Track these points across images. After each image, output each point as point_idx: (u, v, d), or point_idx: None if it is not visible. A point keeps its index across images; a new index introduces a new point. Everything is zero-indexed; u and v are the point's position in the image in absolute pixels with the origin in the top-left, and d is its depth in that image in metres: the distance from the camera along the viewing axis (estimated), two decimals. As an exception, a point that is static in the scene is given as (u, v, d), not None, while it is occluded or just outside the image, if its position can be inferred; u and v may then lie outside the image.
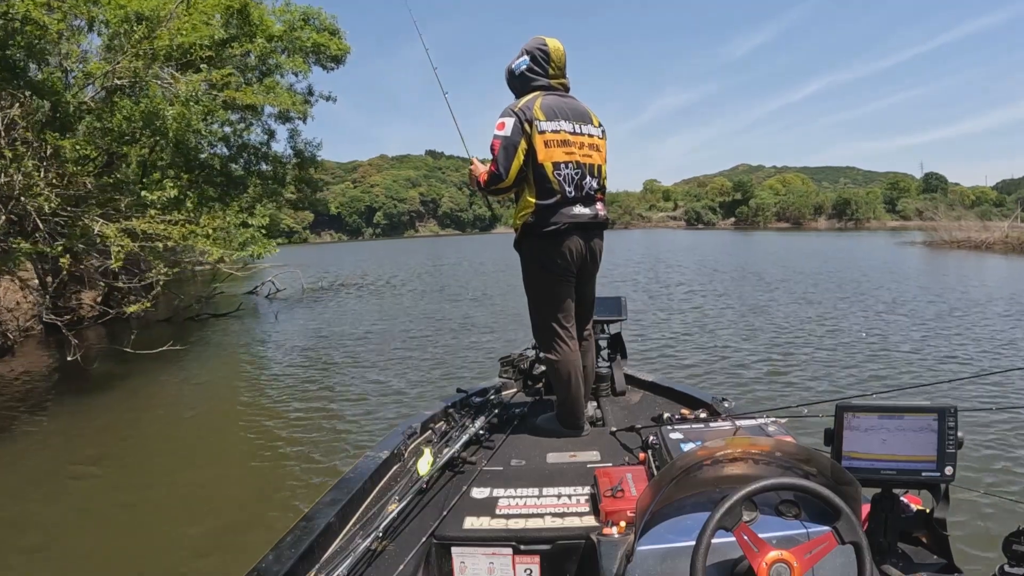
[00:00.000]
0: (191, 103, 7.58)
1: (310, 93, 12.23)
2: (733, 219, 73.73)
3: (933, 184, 70.99)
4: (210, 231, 7.74)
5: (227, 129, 10.78)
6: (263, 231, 10.32)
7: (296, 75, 11.19)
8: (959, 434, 1.26)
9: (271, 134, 11.87)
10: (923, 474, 1.27)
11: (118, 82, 7.23)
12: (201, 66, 8.21)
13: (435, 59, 2.78)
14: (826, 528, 1.06)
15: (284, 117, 11.48)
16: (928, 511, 1.32)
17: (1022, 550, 1.13)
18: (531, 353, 2.83)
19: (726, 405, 2.27)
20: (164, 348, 7.06)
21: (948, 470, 1.26)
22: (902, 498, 1.35)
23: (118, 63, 7.09)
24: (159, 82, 7.56)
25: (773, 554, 1.01)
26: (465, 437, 2.05)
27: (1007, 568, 1.14)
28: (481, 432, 2.15)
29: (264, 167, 11.95)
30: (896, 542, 1.31)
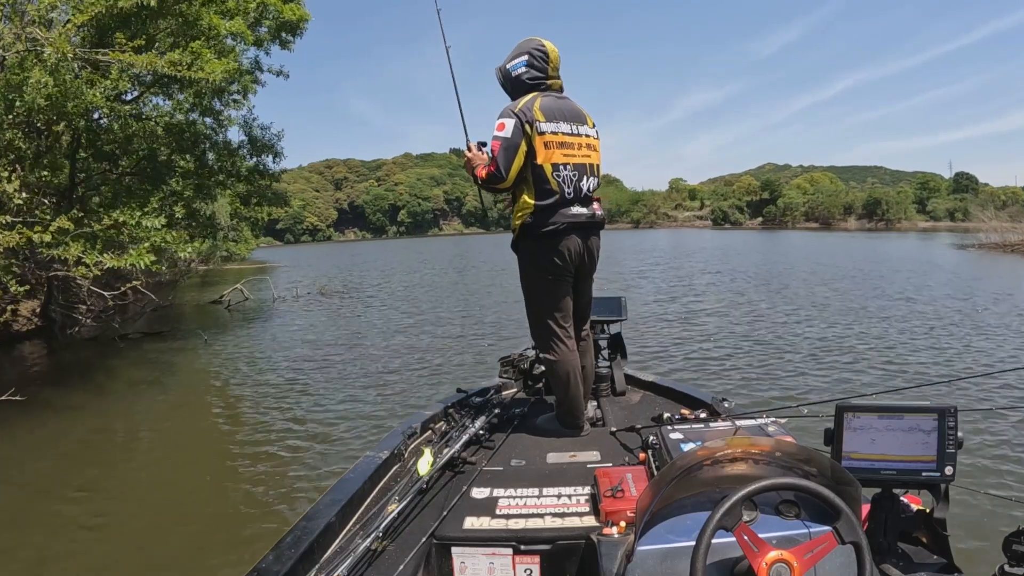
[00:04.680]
0: (64, 70, 6.05)
1: (258, 67, 10.44)
2: (760, 219, 72.44)
3: (963, 184, 68.21)
4: (50, 235, 6.03)
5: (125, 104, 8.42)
6: (199, 229, 9.02)
7: (235, 38, 8.99)
8: (959, 434, 1.26)
9: (215, 113, 9.93)
10: (923, 474, 1.27)
11: (3, 53, 5.91)
12: (51, 16, 6.59)
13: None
14: (826, 528, 1.06)
15: (217, 91, 9.32)
16: (928, 511, 1.32)
17: (1022, 550, 1.13)
18: (531, 353, 2.82)
19: (726, 405, 2.27)
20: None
21: (948, 470, 1.26)
22: (902, 498, 1.36)
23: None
24: (31, 46, 5.97)
25: (773, 554, 1.01)
26: (465, 437, 2.05)
27: (1007, 568, 1.14)
28: (481, 432, 2.15)
29: (210, 156, 10.12)
30: (896, 542, 1.31)
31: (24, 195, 6.44)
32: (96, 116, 8.15)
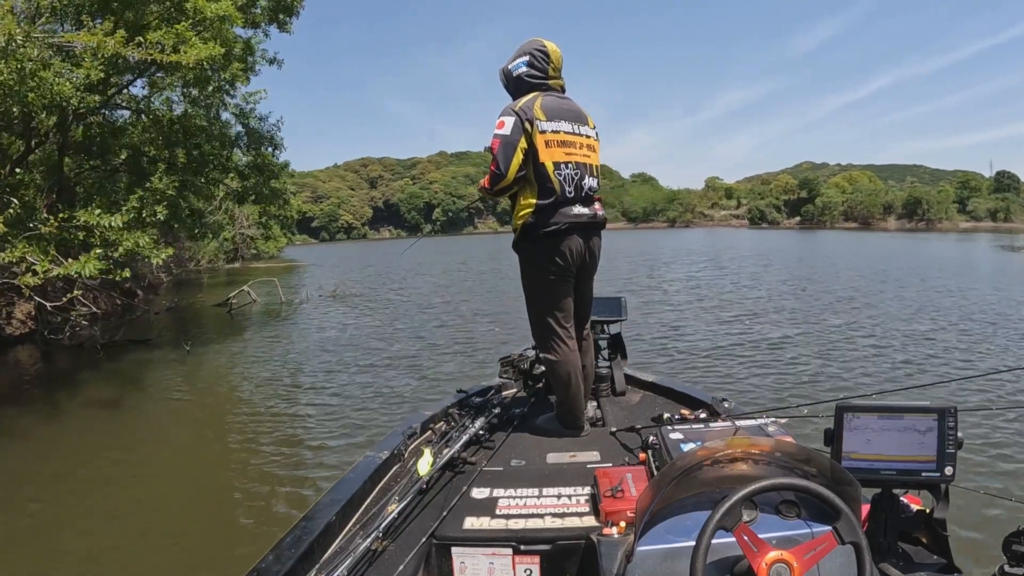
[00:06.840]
0: (17, 55, 5.65)
1: (250, 51, 9.77)
2: (798, 218, 71.60)
3: (1005, 183, 66.90)
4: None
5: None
6: (185, 229, 8.67)
7: (222, 20, 8.16)
8: (959, 434, 1.26)
9: (209, 105, 9.47)
10: (923, 474, 1.27)
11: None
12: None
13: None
14: (826, 528, 1.06)
15: (200, 79, 8.45)
16: (928, 511, 1.32)
17: (1022, 550, 1.13)
18: (531, 353, 2.82)
19: (726, 405, 2.27)
20: None
21: (948, 470, 1.26)
22: (902, 498, 1.36)
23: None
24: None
25: (773, 554, 1.01)
26: (465, 437, 2.05)
27: (1007, 568, 1.14)
28: (481, 432, 2.15)
29: (204, 148, 9.49)
30: (896, 542, 1.31)
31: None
32: (81, 111, 7.75)
